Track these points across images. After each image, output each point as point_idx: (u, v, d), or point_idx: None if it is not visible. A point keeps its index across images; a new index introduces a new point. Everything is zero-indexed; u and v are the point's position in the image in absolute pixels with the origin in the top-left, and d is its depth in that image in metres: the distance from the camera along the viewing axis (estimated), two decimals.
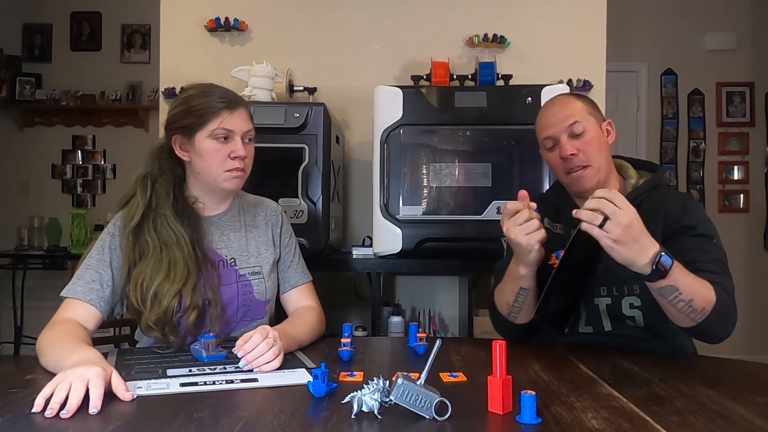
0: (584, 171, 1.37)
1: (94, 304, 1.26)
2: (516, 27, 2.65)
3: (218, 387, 0.98)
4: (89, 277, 1.29)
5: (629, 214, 1.08)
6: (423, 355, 1.22)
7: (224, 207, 1.44)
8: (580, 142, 1.36)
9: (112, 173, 4.43)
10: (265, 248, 1.45)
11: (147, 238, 1.31)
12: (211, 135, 1.32)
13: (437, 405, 0.82)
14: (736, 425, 0.82)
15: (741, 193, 4.33)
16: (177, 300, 1.27)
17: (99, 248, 1.33)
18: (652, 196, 1.40)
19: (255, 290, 1.39)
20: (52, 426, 0.81)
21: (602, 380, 1.03)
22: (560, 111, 1.39)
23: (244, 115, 1.36)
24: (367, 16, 2.69)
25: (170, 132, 1.37)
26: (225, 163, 1.33)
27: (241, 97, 1.40)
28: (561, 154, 1.37)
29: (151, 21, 4.28)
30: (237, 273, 1.39)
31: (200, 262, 1.32)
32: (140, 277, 1.28)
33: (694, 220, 1.33)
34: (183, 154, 1.37)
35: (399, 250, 2.13)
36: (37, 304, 3.95)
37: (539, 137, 1.44)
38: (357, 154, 2.70)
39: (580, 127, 1.36)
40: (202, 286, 1.30)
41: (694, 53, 4.31)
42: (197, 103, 1.33)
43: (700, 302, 1.16)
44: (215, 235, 1.40)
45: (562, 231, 1.46)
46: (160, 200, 1.35)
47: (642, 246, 1.09)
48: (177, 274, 1.28)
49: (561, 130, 1.37)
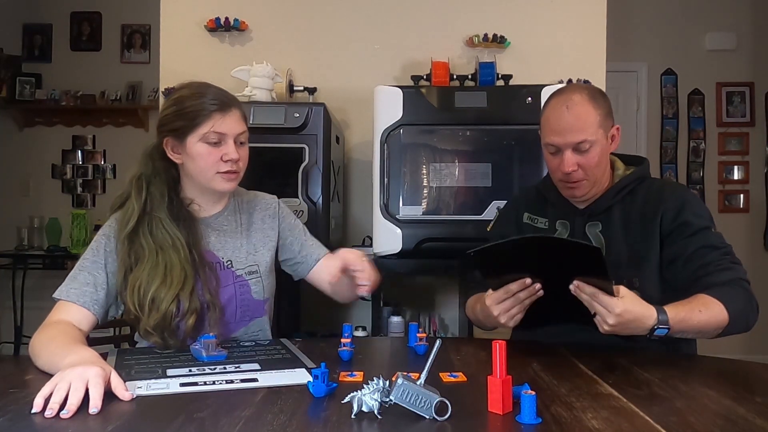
0: (579, 184, 1.39)
1: (87, 307, 1.24)
2: (516, 27, 2.65)
3: (218, 387, 0.98)
4: (83, 279, 1.27)
5: (619, 304, 1.10)
6: (423, 355, 1.22)
7: (220, 207, 1.42)
8: (584, 157, 1.36)
9: (112, 173, 4.43)
10: (262, 245, 1.43)
11: (142, 242, 1.29)
12: (202, 139, 1.29)
13: (437, 405, 0.82)
14: (736, 425, 0.82)
15: (741, 193, 4.33)
16: (175, 304, 1.25)
17: (94, 250, 1.31)
18: (644, 188, 1.41)
19: (252, 290, 1.38)
20: (52, 426, 0.81)
21: (602, 380, 1.03)
22: (573, 123, 1.34)
23: (237, 117, 1.32)
24: (367, 16, 2.69)
25: (162, 134, 1.34)
26: (217, 166, 1.30)
27: (234, 97, 1.36)
28: (561, 168, 1.36)
29: (151, 21, 4.27)
30: (234, 274, 1.37)
31: (197, 265, 1.30)
32: (137, 282, 1.26)
33: (692, 215, 1.34)
34: (175, 156, 1.34)
35: (399, 250, 2.12)
36: (37, 304, 3.94)
37: (542, 136, 1.42)
38: (357, 154, 2.70)
39: (587, 145, 1.35)
40: (200, 289, 1.29)
41: (694, 53, 4.31)
42: (188, 105, 1.29)
43: (711, 329, 1.22)
44: (211, 237, 1.38)
45: (546, 225, 1.48)
46: (155, 203, 1.33)
47: (638, 324, 1.14)
48: (174, 278, 1.26)
49: (567, 143, 1.35)
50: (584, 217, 1.44)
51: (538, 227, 1.49)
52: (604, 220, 1.42)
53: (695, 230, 1.33)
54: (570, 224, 1.45)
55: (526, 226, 1.52)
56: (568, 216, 1.46)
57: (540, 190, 1.55)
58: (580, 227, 1.43)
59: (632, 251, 1.37)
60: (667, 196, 1.37)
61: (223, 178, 1.32)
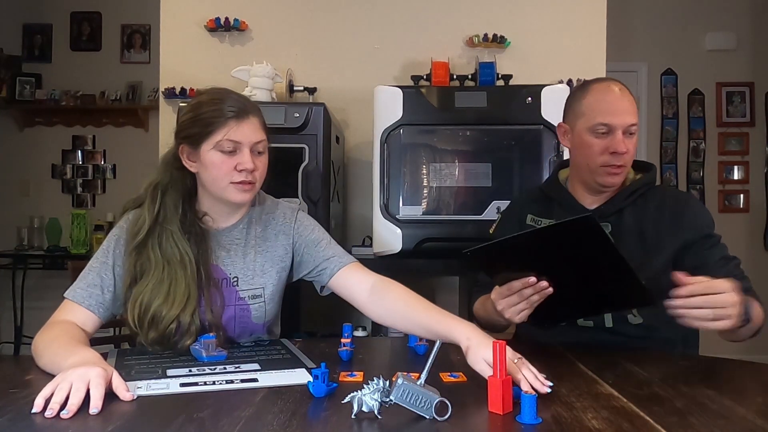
0: (620, 170, 1.38)
1: (92, 310, 1.23)
2: (516, 27, 2.65)
3: (218, 387, 0.98)
4: (91, 280, 1.25)
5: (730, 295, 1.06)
6: (423, 355, 1.23)
7: (234, 219, 1.36)
8: (631, 143, 1.37)
9: (112, 173, 4.43)
10: (271, 266, 1.35)
11: (150, 254, 1.26)
12: (216, 146, 1.23)
13: (437, 405, 0.82)
14: (736, 425, 0.82)
15: (741, 193, 4.33)
16: (175, 324, 1.22)
17: (104, 250, 1.29)
18: (656, 194, 1.41)
19: (253, 315, 1.32)
20: (52, 426, 0.81)
21: (602, 380, 1.03)
22: (627, 105, 1.37)
23: (256, 125, 1.27)
24: (367, 16, 2.69)
25: (178, 141, 1.30)
26: (231, 176, 1.24)
27: (254, 104, 1.31)
28: (615, 148, 1.35)
29: (151, 21, 4.27)
30: (237, 295, 1.31)
31: (203, 284, 1.26)
32: (139, 297, 1.23)
33: (708, 226, 1.37)
34: (190, 164, 1.29)
35: (399, 250, 2.12)
36: (37, 304, 3.95)
37: (589, 119, 1.38)
38: (357, 154, 2.70)
39: (635, 129, 1.37)
40: (203, 308, 1.25)
41: (694, 53, 4.31)
42: (204, 111, 1.25)
43: (758, 326, 1.22)
44: (221, 252, 1.33)
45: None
46: (168, 214, 1.29)
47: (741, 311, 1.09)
48: (177, 297, 1.22)
49: (622, 124, 1.35)
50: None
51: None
52: (614, 222, 1.40)
53: (715, 242, 1.36)
54: None
55: (529, 228, 1.50)
56: (576, 216, 1.44)
57: (544, 191, 1.54)
58: None
59: (644, 251, 1.36)
60: (690, 207, 1.39)
61: (237, 189, 1.26)
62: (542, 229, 1.28)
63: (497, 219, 1.67)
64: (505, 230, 1.56)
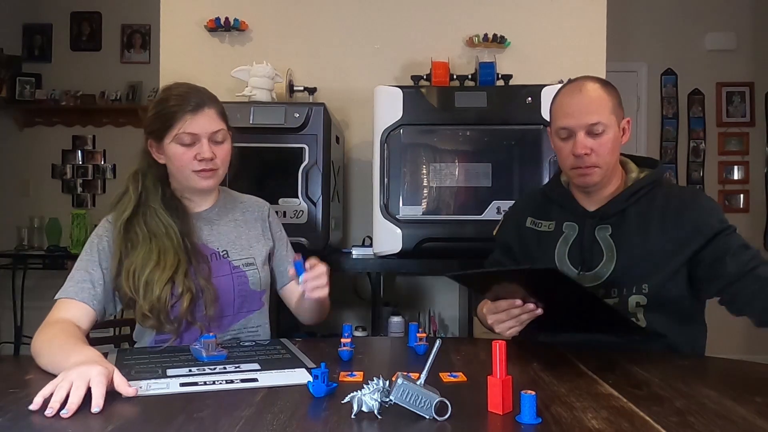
0: (591, 170, 1.35)
1: (86, 302, 1.26)
2: (516, 27, 2.64)
3: (218, 387, 0.98)
4: (79, 277, 1.30)
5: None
6: (423, 355, 1.22)
7: (209, 203, 1.46)
8: (596, 142, 1.33)
9: (112, 173, 4.43)
10: (256, 241, 1.47)
11: (137, 230, 1.34)
12: (175, 139, 1.33)
13: (437, 405, 0.82)
14: (736, 425, 0.82)
15: (741, 193, 4.33)
16: (169, 287, 1.29)
17: (88, 250, 1.35)
18: (663, 191, 1.39)
19: (250, 281, 1.41)
20: (52, 426, 0.81)
21: (602, 380, 1.03)
22: (587, 104, 1.33)
23: (212, 116, 1.35)
24: (367, 16, 2.69)
25: (146, 136, 1.40)
26: (192, 165, 1.34)
27: (211, 95, 1.39)
28: (574, 150, 1.33)
29: (151, 21, 4.27)
30: (231, 265, 1.40)
31: (190, 252, 1.34)
32: (131, 267, 1.30)
33: (719, 221, 1.34)
34: (159, 157, 1.39)
35: (399, 250, 2.13)
36: (37, 304, 3.94)
37: (554, 123, 1.39)
38: (357, 154, 2.70)
39: (601, 128, 1.32)
40: (193, 274, 1.33)
41: (694, 53, 4.31)
42: (163, 106, 1.34)
43: None
44: (204, 230, 1.42)
45: (551, 228, 1.45)
46: (150, 194, 1.38)
47: None
48: (167, 262, 1.30)
49: (580, 125, 1.32)
50: (595, 220, 1.39)
51: (540, 231, 1.46)
52: (615, 223, 1.37)
53: (732, 231, 1.33)
54: (579, 226, 1.40)
55: (529, 231, 1.48)
56: (577, 218, 1.41)
57: (546, 193, 1.52)
58: (590, 229, 1.38)
59: (648, 254, 1.33)
60: (696, 207, 1.36)
61: (199, 177, 1.35)
62: (509, 270, 1.31)
63: (501, 220, 1.64)
64: (505, 233, 1.56)
